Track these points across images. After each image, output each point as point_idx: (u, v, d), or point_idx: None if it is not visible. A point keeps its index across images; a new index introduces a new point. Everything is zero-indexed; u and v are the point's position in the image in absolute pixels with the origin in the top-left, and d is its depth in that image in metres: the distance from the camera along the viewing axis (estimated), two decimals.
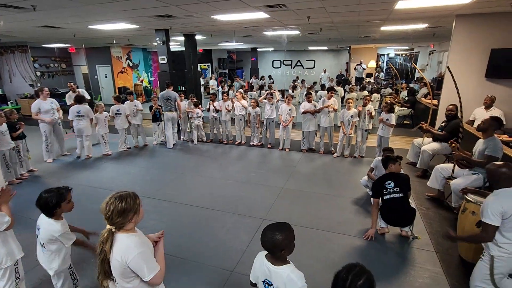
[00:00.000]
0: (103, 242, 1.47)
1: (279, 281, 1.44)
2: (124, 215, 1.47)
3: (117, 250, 1.46)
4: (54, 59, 12.97)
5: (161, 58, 7.87)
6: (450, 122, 4.71)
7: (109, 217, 1.46)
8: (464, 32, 5.77)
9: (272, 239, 1.42)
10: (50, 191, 2.02)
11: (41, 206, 2.00)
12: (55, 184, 4.91)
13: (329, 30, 8.29)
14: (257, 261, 1.59)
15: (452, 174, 3.78)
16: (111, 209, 1.45)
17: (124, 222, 1.48)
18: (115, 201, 1.47)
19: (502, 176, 2.12)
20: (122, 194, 1.52)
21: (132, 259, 1.43)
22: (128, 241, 1.47)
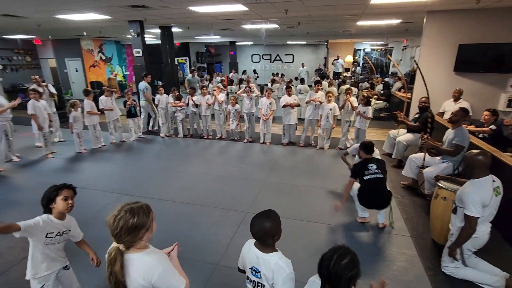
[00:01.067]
0: (111, 263, 1.24)
1: (267, 268, 1.46)
2: (135, 233, 1.25)
3: (137, 272, 1.26)
4: (18, 51, 12.10)
5: (136, 51, 7.58)
6: (422, 114, 4.94)
7: (117, 234, 1.24)
8: (434, 28, 6.03)
9: (263, 227, 1.44)
10: (51, 187, 2.02)
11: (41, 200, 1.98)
12: (24, 185, 4.65)
13: (307, 24, 8.35)
14: (245, 248, 1.60)
15: (423, 162, 3.98)
16: (120, 225, 1.23)
17: (134, 241, 1.27)
18: (125, 215, 1.24)
19: (478, 163, 2.25)
20: (133, 206, 1.28)
21: (158, 278, 1.26)
22: (148, 259, 1.28)
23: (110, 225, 1.25)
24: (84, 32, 9.81)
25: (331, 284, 1.24)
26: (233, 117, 6.74)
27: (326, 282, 1.26)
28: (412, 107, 6.44)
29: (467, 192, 2.22)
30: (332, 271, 1.22)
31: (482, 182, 2.24)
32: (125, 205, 1.30)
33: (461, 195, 2.28)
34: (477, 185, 2.23)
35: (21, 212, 3.75)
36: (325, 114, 5.91)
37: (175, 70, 8.90)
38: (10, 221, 1.81)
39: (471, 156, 2.32)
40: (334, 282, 1.22)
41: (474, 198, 2.17)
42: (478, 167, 2.25)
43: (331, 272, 1.22)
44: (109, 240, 3.25)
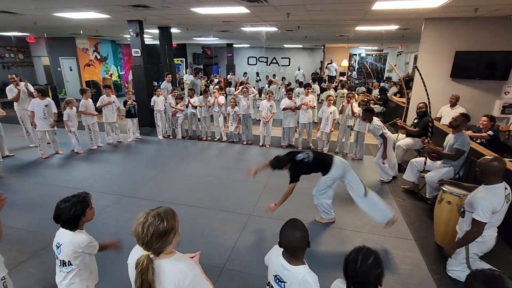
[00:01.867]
0: (143, 272, 1.19)
1: (294, 281, 1.42)
2: (165, 238, 1.23)
3: (169, 278, 1.22)
4: (10, 48, 11.85)
5: (135, 51, 7.50)
6: (422, 119, 5.02)
7: (147, 242, 1.20)
8: (432, 35, 6.15)
9: (296, 239, 1.40)
10: (69, 200, 1.73)
11: (64, 218, 1.70)
12: (18, 184, 4.53)
13: (306, 28, 8.43)
14: (273, 253, 1.58)
15: (424, 167, 4.04)
16: (151, 232, 1.19)
17: (164, 247, 1.24)
18: (154, 221, 1.21)
19: (492, 169, 2.26)
20: (159, 211, 1.25)
21: (189, 284, 1.24)
22: (179, 265, 1.26)
23: (138, 233, 1.21)
24: (80, 31, 9.68)
25: (358, 285, 1.24)
26: (232, 119, 6.72)
27: (352, 284, 1.26)
28: (410, 112, 6.54)
29: (479, 197, 2.25)
30: (359, 271, 1.22)
31: (496, 188, 2.26)
32: (150, 211, 1.26)
33: (472, 199, 2.31)
34: (490, 191, 2.26)
35: (17, 214, 3.65)
36: (325, 117, 5.94)
37: (173, 71, 8.84)
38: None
39: (485, 162, 2.32)
40: (361, 282, 1.22)
41: (485, 204, 2.20)
42: (492, 173, 2.26)
43: (358, 272, 1.22)
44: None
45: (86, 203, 1.76)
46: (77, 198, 1.75)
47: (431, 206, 3.86)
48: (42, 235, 3.14)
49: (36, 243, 3.04)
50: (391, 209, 3.15)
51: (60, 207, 1.72)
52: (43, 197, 4.10)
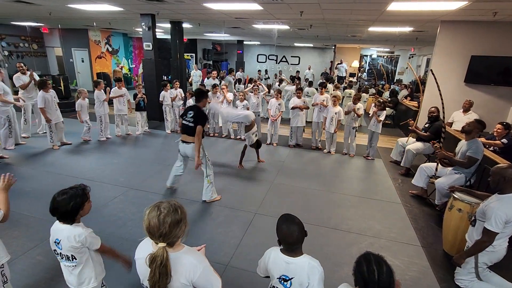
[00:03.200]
0: (163, 265, 1.19)
1: (301, 272, 1.43)
2: (180, 226, 1.25)
3: (180, 271, 1.24)
4: (24, 38, 12.02)
5: (146, 44, 7.53)
6: (433, 123, 4.93)
7: (166, 233, 1.21)
8: (448, 38, 6.03)
9: (296, 232, 1.44)
10: (67, 192, 1.65)
11: (62, 212, 1.63)
12: (28, 172, 4.60)
13: (318, 27, 8.34)
14: (270, 258, 1.54)
15: (435, 172, 3.97)
16: (168, 222, 1.20)
17: (179, 236, 1.26)
18: (169, 212, 1.23)
19: (508, 178, 2.19)
20: (170, 202, 1.28)
21: (199, 276, 1.26)
22: (189, 258, 1.28)
23: (155, 226, 1.20)
24: (94, 23, 9.76)
25: None
26: None
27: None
28: (421, 116, 6.43)
29: (493, 207, 2.19)
30: (380, 282, 1.19)
31: (510, 198, 2.20)
32: (159, 204, 1.26)
33: (485, 208, 2.25)
34: (504, 200, 2.20)
35: (26, 201, 3.71)
36: (330, 117, 5.89)
37: (183, 66, 8.86)
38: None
39: (500, 169, 2.26)
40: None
41: (499, 214, 2.14)
42: (507, 181, 2.21)
43: (380, 283, 1.20)
44: (115, 234, 3.18)
45: (85, 196, 1.69)
46: (75, 190, 1.67)
47: (439, 212, 3.79)
48: (50, 224, 3.17)
49: (44, 231, 3.07)
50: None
51: (57, 199, 1.63)
52: (51, 186, 4.16)
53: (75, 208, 1.64)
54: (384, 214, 3.78)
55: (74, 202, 1.63)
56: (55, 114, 5.53)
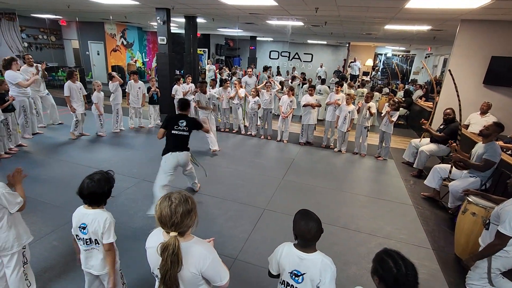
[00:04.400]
0: (175, 253, 1.20)
1: (314, 268, 1.44)
2: (190, 216, 1.27)
3: (190, 261, 1.26)
4: (43, 30, 12.32)
5: (161, 38, 7.61)
6: (448, 125, 4.81)
7: (177, 223, 1.23)
8: (467, 37, 5.85)
9: (313, 229, 1.44)
10: (97, 174, 1.70)
11: (96, 194, 1.66)
12: (46, 160, 4.76)
13: (333, 24, 8.22)
14: (283, 252, 1.54)
15: (449, 175, 3.88)
16: (180, 212, 1.23)
17: (190, 226, 1.29)
18: (180, 201, 1.25)
19: None
20: (181, 193, 1.30)
21: (208, 266, 1.29)
22: (199, 248, 1.30)
23: (167, 215, 1.23)
24: (110, 16, 9.91)
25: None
26: (251, 109, 6.69)
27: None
28: (436, 117, 6.29)
29: (508, 210, 2.14)
30: (409, 276, 1.20)
31: None
32: (169, 194, 1.29)
33: (500, 211, 2.20)
34: None
35: (43, 188, 3.84)
36: (343, 116, 5.82)
37: (196, 61, 8.92)
38: None
39: None
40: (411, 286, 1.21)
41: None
42: None
43: (408, 276, 1.20)
44: (127, 224, 3.25)
45: (113, 181, 1.77)
46: (106, 174, 1.74)
47: (452, 216, 3.73)
48: (65, 211, 3.28)
49: (60, 218, 3.19)
50: None
51: (90, 183, 1.66)
52: (67, 174, 4.29)
53: (109, 191, 1.71)
54: (394, 215, 3.74)
55: (109, 185, 1.71)
56: (80, 105, 5.71)
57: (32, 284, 2.13)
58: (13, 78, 5.08)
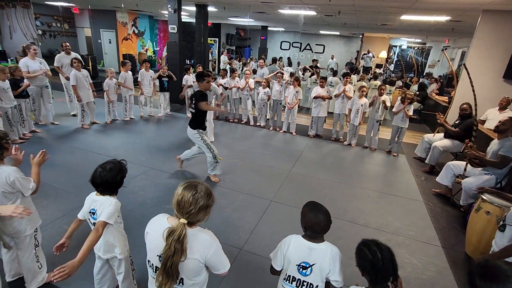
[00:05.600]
0: (179, 240, 1.19)
1: (324, 258, 1.44)
2: (206, 211, 1.28)
3: (195, 248, 1.26)
4: (57, 18, 12.44)
5: (172, 27, 7.56)
6: (464, 120, 4.65)
7: (193, 212, 1.24)
8: (488, 29, 5.58)
9: (323, 222, 1.44)
10: (109, 164, 1.70)
11: (109, 183, 1.68)
12: (58, 146, 4.85)
13: (347, 14, 7.99)
14: (290, 244, 1.51)
15: (464, 172, 3.77)
16: (200, 204, 1.24)
17: (202, 220, 1.30)
18: (204, 195, 1.26)
19: None
20: (206, 186, 1.30)
21: (212, 254, 1.30)
22: (204, 235, 1.31)
23: (186, 202, 1.23)
24: (122, 4, 9.89)
25: (385, 278, 1.26)
26: (261, 100, 6.63)
27: (378, 279, 1.27)
28: (451, 112, 6.09)
29: None
30: (384, 258, 1.25)
31: None
32: (196, 183, 1.28)
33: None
34: None
35: (55, 174, 3.92)
36: (355, 109, 5.70)
37: (206, 50, 8.85)
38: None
39: None
40: (388, 273, 1.25)
41: None
42: None
43: (384, 259, 1.25)
44: (135, 211, 3.29)
45: (126, 170, 1.78)
46: (119, 163, 1.74)
47: (463, 214, 3.63)
48: (76, 196, 3.35)
49: (72, 203, 3.26)
50: None
51: (103, 172, 1.67)
52: (79, 161, 4.37)
53: (121, 181, 1.73)
54: (404, 211, 3.67)
55: (122, 175, 1.73)
56: (87, 93, 5.67)
57: (43, 266, 2.19)
58: (21, 66, 5.07)
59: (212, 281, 2.36)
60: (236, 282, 2.41)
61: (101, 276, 2.00)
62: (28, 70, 5.17)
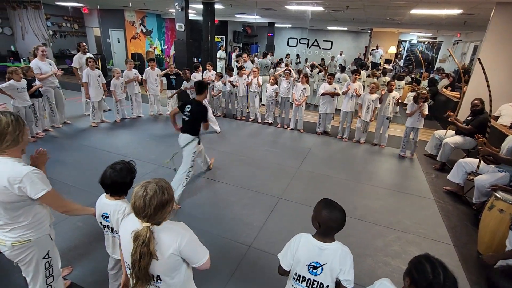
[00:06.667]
0: (145, 244, 1.18)
1: (333, 257, 1.42)
2: (166, 208, 1.25)
3: (167, 242, 1.24)
4: (67, 18, 12.64)
5: (179, 25, 7.60)
6: (476, 116, 4.54)
7: (151, 215, 1.21)
8: (502, 22, 5.42)
9: (342, 219, 1.42)
10: (119, 164, 1.66)
11: (118, 184, 1.65)
12: (70, 145, 4.96)
13: (355, 9, 7.88)
14: (300, 244, 1.49)
15: (477, 169, 3.69)
16: (154, 204, 1.20)
17: (165, 218, 1.27)
18: (156, 193, 1.21)
19: None
20: (158, 183, 1.25)
21: (185, 245, 1.27)
22: (174, 227, 1.29)
23: (140, 207, 1.20)
24: (130, 3, 9.98)
25: None
26: (269, 97, 6.61)
27: None
28: (463, 108, 5.95)
29: None
30: (446, 287, 1.13)
31: None
32: (146, 184, 1.25)
33: None
34: None
35: (68, 171, 4.02)
36: (366, 105, 5.63)
37: (214, 48, 8.86)
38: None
39: None
40: None
41: None
42: None
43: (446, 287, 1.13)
44: None
45: (135, 171, 1.73)
46: (128, 164, 1.70)
47: (476, 212, 3.57)
48: (88, 194, 3.42)
49: (84, 200, 3.27)
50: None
51: (113, 173, 1.63)
52: (90, 159, 4.46)
53: (131, 182, 1.68)
54: (414, 209, 3.63)
55: (132, 176, 1.68)
56: (97, 92, 5.77)
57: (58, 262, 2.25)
58: (34, 68, 5.11)
59: (220, 278, 2.40)
60: (245, 279, 2.44)
61: (115, 271, 2.04)
62: (41, 72, 5.23)
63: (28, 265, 1.72)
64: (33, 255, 1.71)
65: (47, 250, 1.79)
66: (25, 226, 1.63)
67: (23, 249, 1.67)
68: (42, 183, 1.57)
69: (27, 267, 1.73)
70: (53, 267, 1.85)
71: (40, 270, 1.77)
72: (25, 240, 1.65)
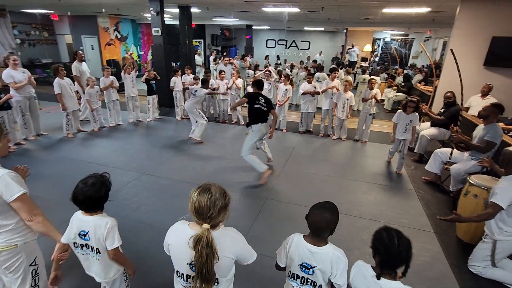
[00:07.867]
0: (209, 245, 1.19)
1: (325, 262, 1.41)
2: (225, 210, 1.29)
3: (224, 247, 1.27)
4: (35, 26, 12.09)
5: (155, 30, 7.47)
6: (449, 108, 4.77)
7: (214, 216, 1.24)
8: (467, 18, 5.73)
9: (326, 219, 1.40)
10: (91, 178, 1.55)
11: (92, 199, 1.52)
12: (47, 157, 4.74)
13: (330, 10, 8.07)
14: (292, 244, 1.50)
15: (450, 156, 3.87)
16: (219, 206, 1.24)
17: (223, 220, 1.30)
18: (220, 196, 1.26)
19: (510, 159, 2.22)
20: (217, 186, 1.31)
21: (240, 249, 1.34)
22: (230, 233, 1.34)
23: (205, 207, 1.23)
24: (102, 9, 9.71)
25: (394, 265, 1.30)
26: None
27: (389, 264, 1.30)
28: (436, 100, 6.23)
29: (501, 187, 2.21)
30: (400, 246, 1.27)
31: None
32: (209, 186, 1.29)
33: (494, 188, 2.26)
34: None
35: (45, 185, 3.84)
36: (341, 103, 5.76)
37: (192, 52, 8.78)
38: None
39: (506, 151, 2.30)
40: (400, 260, 1.28)
41: (506, 193, 2.16)
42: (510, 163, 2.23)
43: (400, 246, 1.27)
44: (129, 217, 3.23)
45: (110, 184, 1.61)
46: (101, 177, 1.59)
47: (453, 199, 3.73)
48: (67, 207, 3.27)
49: (63, 214, 3.13)
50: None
51: (85, 188, 1.51)
52: (69, 171, 4.28)
53: (106, 196, 1.58)
54: (396, 201, 3.75)
55: (106, 189, 1.58)
56: (72, 101, 5.56)
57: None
58: (6, 78, 4.92)
59: None
60: (243, 280, 2.41)
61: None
62: (15, 81, 4.98)
63: (15, 272, 1.67)
64: (21, 261, 1.67)
65: (34, 256, 1.76)
66: (11, 230, 1.61)
67: (11, 255, 1.64)
68: (17, 185, 1.54)
69: (14, 274, 1.68)
70: (39, 275, 1.80)
71: (27, 278, 1.72)
72: (12, 245, 1.62)
